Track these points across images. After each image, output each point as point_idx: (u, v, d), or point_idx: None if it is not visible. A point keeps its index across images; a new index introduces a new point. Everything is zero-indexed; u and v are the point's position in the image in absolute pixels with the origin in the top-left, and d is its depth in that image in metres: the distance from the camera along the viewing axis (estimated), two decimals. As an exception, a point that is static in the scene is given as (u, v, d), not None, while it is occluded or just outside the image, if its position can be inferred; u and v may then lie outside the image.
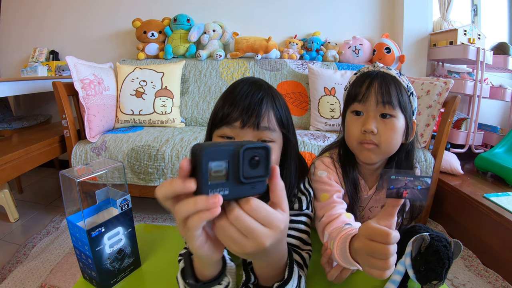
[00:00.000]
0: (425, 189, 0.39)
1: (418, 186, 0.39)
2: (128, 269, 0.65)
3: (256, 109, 0.53)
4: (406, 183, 0.39)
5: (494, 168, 1.72)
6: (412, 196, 0.39)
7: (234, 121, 0.53)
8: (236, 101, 0.54)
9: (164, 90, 1.87)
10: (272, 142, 0.56)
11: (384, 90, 0.64)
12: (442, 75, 2.12)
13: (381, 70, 0.69)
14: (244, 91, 0.56)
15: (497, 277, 1.29)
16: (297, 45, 2.20)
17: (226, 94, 0.58)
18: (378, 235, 0.38)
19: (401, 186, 0.39)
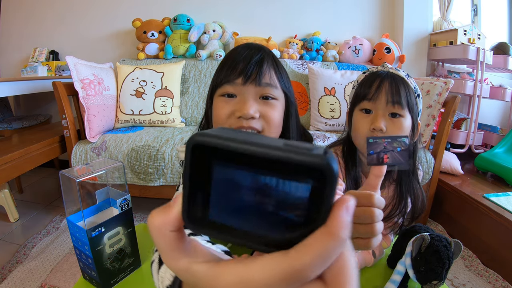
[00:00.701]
0: (405, 150, 0.37)
1: (397, 148, 0.37)
2: (128, 269, 0.65)
3: (257, 65, 0.54)
4: (385, 146, 0.38)
5: (494, 168, 1.72)
6: (393, 160, 0.38)
7: (235, 77, 0.53)
8: (236, 61, 0.54)
9: (164, 90, 1.87)
10: (275, 100, 0.56)
11: (394, 90, 0.66)
12: (442, 75, 2.12)
13: (390, 71, 0.70)
14: (244, 51, 0.56)
15: (497, 277, 1.29)
16: (297, 45, 2.20)
17: (225, 58, 0.58)
18: (360, 198, 0.36)
19: (380, 150, 0.38)
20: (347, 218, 0.15)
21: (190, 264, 0.18)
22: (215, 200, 0.17)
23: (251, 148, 0.16)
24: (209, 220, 0.17)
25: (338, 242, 0.15)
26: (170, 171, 1.55)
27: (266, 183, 0.16)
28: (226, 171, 0.16)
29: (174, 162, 1.54)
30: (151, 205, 1.87)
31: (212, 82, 0.58)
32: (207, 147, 0.16)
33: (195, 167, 0.17)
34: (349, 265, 0.16)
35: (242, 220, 0.17)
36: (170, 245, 0.18)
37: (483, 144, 2.10)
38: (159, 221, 0.18)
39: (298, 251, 0.15)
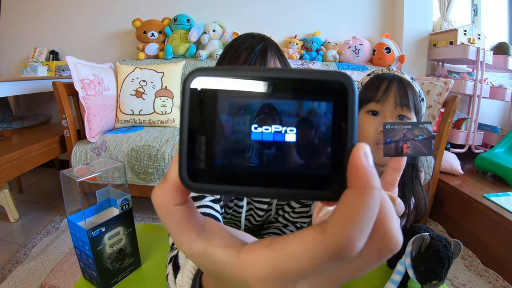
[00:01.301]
0: (428, 138, 0.31)
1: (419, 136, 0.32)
2: (128, 269, 0.65)
3: (261, 54, 0.51)
4: (405, 133, 0.32)
5: (494, 168, 1.72)
6: (415, 151, 0.32)
7: None
8: (239, 50, 0.51)
9: (164, 90, 1.87)
10: None
11: (403, 93, 0.66)
12: (442, 75, 2.12)
13: (396, 74, 0.70)
14: (247, 41, 0.53)
15: (497, 277, 1.29)
16: (297, 45, 2.20)
17: (227, 48, 0.55)
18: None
19: (399, 138, 0.32)
20: (369, 165, 0.13)
21: (206, 248, 0.15)
22: (222, 143, 0.14)
23: (264, 73, 0.14)
24: (217, 170, 0.14)
25: (372, 196, 0.13)
26: (170, 171, 1.55)
27: (282, 109, 0.14)
28: (234, 103, 0.14)
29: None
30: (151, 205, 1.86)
31: None
32: (209, 81, 0.14)
33: (194, 107, 0.14)
34: (390, 209, 0.14)
35: (259, 161, 0.14)
36: (179, 223, 0.15)
37: (483, 144, 2.10)
38: (160, 195, 0.15)
39: (335, 223, 0.13)
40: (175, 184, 0.15)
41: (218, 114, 0.14)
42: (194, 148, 0.14)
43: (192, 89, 0.14)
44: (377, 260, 0.14)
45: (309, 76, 0.13)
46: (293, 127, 0.14)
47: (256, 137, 0.14)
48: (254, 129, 0.14)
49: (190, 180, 0.14)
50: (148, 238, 0.77)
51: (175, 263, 0.42)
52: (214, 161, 0.14)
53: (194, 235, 0.15)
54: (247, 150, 0.14)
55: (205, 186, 0.14)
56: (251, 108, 0.14)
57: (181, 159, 0.14)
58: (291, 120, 0.14)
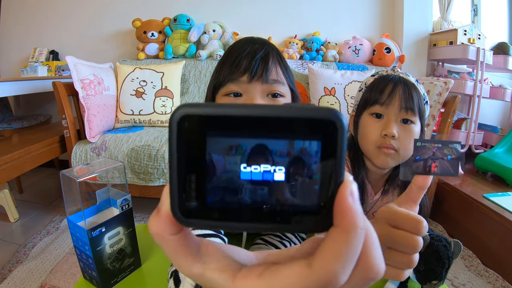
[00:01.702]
0: (456, 159, 0.31)
1: (448, 156, 0.32)
2: (128, 269, 0.65)
3: (263, 61, 0.50)
4: (434, 152, 0.32)
5: (494, 168, 1.72)
6: (442, 170, 0.32)
7: (240, 75, 0.49)
8: (239, 57, 0.50)
9: (164, 90, 1.87)
10: (282, 97, 0.53)
11: (408, 96, 0.65)
12: (442, 75, 2.12)
13: (401, 76, 0.69)
14: (247, 46, 0.52)
15: (497, 277, 1.29)
16: (297, 45, 2.20)
17: (226, 54, 0.54)
18: (406, 221, 0.29)
19: (428, 156, 0.32)
20: (354, 204, 0.14)
21: (204, 271, 0.16)
22: (212, 181, 0.14)
23: (252, 110, 0.14)
24: (208, 207, 0.14)
25: (356, 235, 0.13)
26: (170, 171, 1.55)
27: (271, 148, 0.14)
28: (223, 141, 0.14)
29: (174, 162, 1.53)
30: (151, 205, 1.87)
31: (213, 80, 0.54)
32: (197, 118, 0.14)
33: (182, 145, 0.14)
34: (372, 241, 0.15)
35: (248, 199, 0.14)
36: (175, 251, 0.16)
37: (483, 144, 2.10)
38: (155, 227, 0.16)
39: (321, 260, 0.14)
40: (168, 216, 0.15)
41: (207, 153, 0.14)
42: (185, 185, 0.14)
43: (179, 126, 0.14)
44: (360, 287, 0.15)
45: (298, 114, 0.14)
46: (281, 166, 0.14)
47: (245, 177, 0.14)
48: (243, 168, 0.14)
49: (183, 216, 0.15)
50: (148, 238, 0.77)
51: (176, 277, 0.42)
52: (205, 198, 0.14)
53: (190, 260, 0.16)
54: (237, 188, 0.14)
55: (197, 222, 0.15)
56: (240, 147, 0.14)
57: (173, 196, 0.14)
58: (279, 159, 0.14)
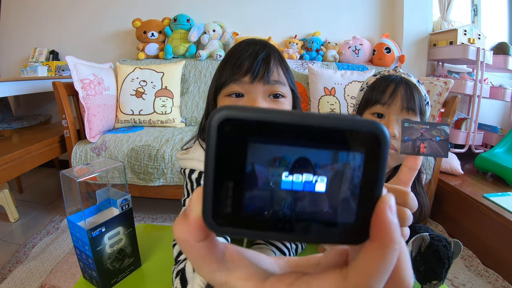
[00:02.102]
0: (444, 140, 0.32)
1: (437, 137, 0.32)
2: (128, 269, 0.65)
3: (264, 62, 0.51)
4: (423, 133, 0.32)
5: (494, 168, 1.72)
6: (431, 151, 0.32)
7: (242, 76, 0.50)
8: (241, 58, 0.52)
9: (164, 90, 1.87)
10: (283, 98, 0.54)
11: (410, 96, 0.65)
12: (442, 75, 2.12)
13: (403, 76, 0.69)
14: (249, 48, 0.53)
15: (497, 277, 1.29)
16: (297, 45, 2.20)
17: (228, 55, 0.55)
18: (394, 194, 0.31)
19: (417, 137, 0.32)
20: (393, 219, 0.13)
21: (228, 278, 0.16)
22: (251, 189, 0.14)
23: (298, 118, 0.13)
24: (243, 216, 0.14)
25: (393, 249, 0.13)
26: (170, 171, 1.55)
27: (313, 159, 0.14)
28: (265, 148, 0.13)
29: (174, 162, 1.54)
30: (151, 205, 1.87)
31: (215, 81, 0.55)
32: (239, 122, 0.13)
33: (221, 149, 0.13)
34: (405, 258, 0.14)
35: (286, 209, 0.14)
36: (201, 258, 0.16)
37: (483, 144, 2.10)
38: (182, 233, 0.15)
39: (357, 275, 0.13)
40: (197, 222, 0.15)
41: (248, 159, 0.14)
42: (221, 191, 0.14)
43: (219, 129, 0.13)
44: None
45: (345, 125, 0.13)
46: (323, 177, 0.14)
47: (286, 186, 0.14)
48: (285, 177, 0.14)
49: (215, 223, 0.14)
50: (148, 238, 0.77)
51: (182, 277, 0.42)
52: (241, 206, 0.14)
53: (215, 267, 0.16)
54: (276, 198, 0.14)
55: (230, 229, 0.14)
56: (283, 156, 0.14)
57: (206, 201, 0.14)
58: (322, 171, 0.14)
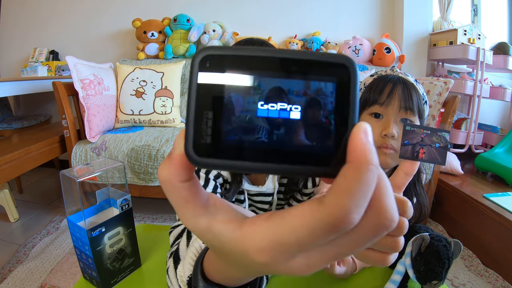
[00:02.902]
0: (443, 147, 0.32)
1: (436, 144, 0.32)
2: (128, 269, 0.65)
3: None
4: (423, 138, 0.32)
5: (494, 168, 1.72)
6: (430, 157, 0.32)
7: None
8: None
9: (164, 90, 1.87)
10: None
11: (408, 96, 0.65)
12: (442, 75, 2.12)
13: (400, 76, 0.69)
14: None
15: (497, 277, 1.29)
16: (297, 45, 2.20)
17: None
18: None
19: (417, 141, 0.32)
20: (367, 142, 0.13)
21: (210, 223, 0.16)
22: (229, 118, 0.14)
23: (271, 52, 0.14)
24: (222, 145, 0.14)
25: (368, 171, 0.13)
26: (170, 171, 1.55)
27: (288, 88, 0.14)
28: (241, 80, 0.14)
29: (174, 162, 1.53)
30: (151, 205, 1.87)
31: None
32: (218, 58, 0.14)
33: (201, 84, 0.14)
34: (386, 187, 0.14)
35: (264, 137, 0.14)
36: (184, 200, 0.16)
37: (483, 144, 2.10)
38: (165, 172, 0.15)
39: (333, 196, 0.13)
40: (180, 160, 0.15)
41: (226, 90, 0.14)
42: (201, 123, 0.14)
43: (200, 65, 0.14)
44: (372, 236, 0.14)
45: (316, 57, 0.14)
46: (298, 105, 0.14)
47: (262, 114, 0.14)
48: (260, 106, 0.14)
49: (196, 155, 0.14)
50: (148, 238, 0.77)
51: (175, 256, 0.42)
52: (220, 136, 0.14)
53: (198, 211, 0.16)
54: (253, 126, 0.14)
55: (211, 161, 0.15)
56: (258, 86, 0.14)
57: (188, 134, 0.14)
58: (296, 99, 0.14)
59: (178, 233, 0.50)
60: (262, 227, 0.14)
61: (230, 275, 0.22)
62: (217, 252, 0.18)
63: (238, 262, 0.17)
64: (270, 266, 0.15)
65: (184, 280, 0.33)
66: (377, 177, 0.13)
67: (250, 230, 0.15)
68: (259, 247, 0.14)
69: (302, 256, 0.14)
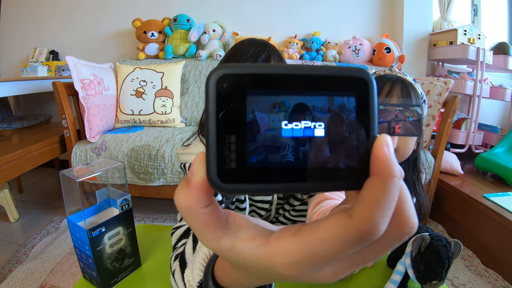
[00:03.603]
0: (417, 120, 0.34)
1: (410, 118, 0.34)
2: (128, 269, 0.65)
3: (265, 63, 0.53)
4: (397, 114, 0.34)
5: (494, 168, 1.72)
6: (406, 131, 0.34)
7: None
8: (242, 59, 0.53)
9: (164, 90, 1.87)
10: None
11: (406, 95, 0.65)
12: (442, 75, 2.12)
13: (399, 75, 0.69)
14: (249, 50, 0.55)
15: (497, 277, 1.29)
16: (297, 45, 2.20)
17: (228, 55, 0.57)
18: None
19: (391, 118, 0.34)
20: (390, 154, 0.14)
21: (234, 242, 0.16)
22: (253, 141, 0.14)
23: (291, 69, 0.14)
24: (248, 169, 0.14)
25: (394, 182, 0.13)
26: (170, 171, 1.55)
27: (310, 105, 0.14)
28: (264, 99, 0.14)
29: (174, 162, 1.54)
30: (151, 205, 1.87)
31: None
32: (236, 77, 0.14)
33: (220, 106, 0.13)
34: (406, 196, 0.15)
35: (289, 157, 0.14)
36: (205, 225, 0.15)
37: (483, 144, 2.10)
38: (185, 199, 0.15)
39: (361, 209, 0.13)
40: (200, 187, 0.15)
41: (247, 112, 0.14)
42: (224, 148, 0.14)
43: (218, 87, 0.14)
44: (396, 242, 0.15)
45: (334, 72, 0.14)
46: (321, 122, 0.14)
47: (286, 134, 0.14)
48: (284, 125, 0.14)
49: (221, 181, 0.14)
50: (148, 238, 0.77)
51: (181, 259, 0.42)
52: (245, 160, 0.14)
53: (220, 233, 0.16)
54: (278, 146, 0.14)
55: (237, 186, 0.14)
56: (280, 105, 0.14)
57: (210, 160, 0.14)
58: (319, 115, 0.14)
59: (181, 234, 0.50)
60: (291, 242, 0.15)
61: (246, 284, 0.21)
62: (240, 267, 0.18)
63: (261, 275, 0.17)
64: (298, 278, 0.15)
65: (193, 284, 0.33)
66: (399, 187, 0.14)
67: (278, 245, 0.15)
68: (288, 262, 0.14)
69: (329, 266, 0.15)
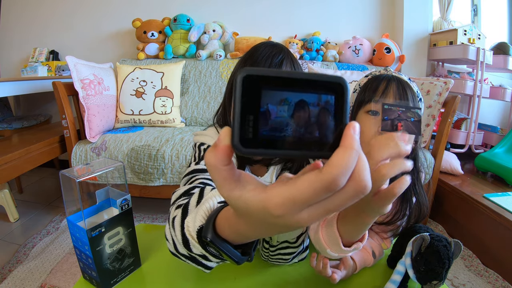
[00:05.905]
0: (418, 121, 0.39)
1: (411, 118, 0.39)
2: (128, 269, 0.65)
3: (278, 65, 0.56)
4: (400, 114, 0.39)
5: (494, 168, 1.72)
6: (407, 128, 0.39)
7: None
8: (257, 61, 0.57)
9: (164, 90, 1.87)
10: None
11: (402, 92, 0.65)
12: (442, 75, 2.12)
13: (394, 74, 0.70)
14: (265, 53, 0.58)
15: (497, 277, 1.29)
16: (297, 45, 2.20)
17: (247, 57, 0.60)
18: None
19: (394, 117, 0.39)
20: (354, 134, 0.20)
21: (241, 192, 0.22)
22: (264, 119, 0.20)
23: (293, 75, 0.21)
24: (261, 137, 0.20)
25: (353, 151, 0.19)
26: (170, 171, 1.55)
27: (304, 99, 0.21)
28: (273, 93, 0.20)
29: (174, 162, 1.54)
30: (151, 205, 1.87)
31: (232, 77, 0.63)
32: (256, 77, 0.20)
33: (244, 96, 0.20)
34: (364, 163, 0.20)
35: (289, 132, 0.21)
36: (224, 178, 0.22)
37: (483, 144, 2.10)
38: (212, 158, 0.21)
39: (328, 167, 0.19)
40: (224, 150, 0.21)
41: (262, 100, 0.20)
42: (244, 123, 0.20)
43: (243, 82, 0.20)
44: (352, 197, 0.20)
45: (322, 78, 0.21)
46: (312, 112, 0.21)
47: (287, 119, 0.21)
48: (286, 113, 0.21)
49: (242, 146, 0.20)
50: (148, 238, 0.77)
51: (185, 209, 0.44)
52: (258, 132, 0.20)
53: (234, 185, 0.22)
54: (281, 126, 0.21)
55: (251, 150, 0.20)
56: (284, 98, 0.20)
57: (235, 131, 0.20)
58: (311, 107, 0.21)
59: (181, 193, 0.52)
60: (280, 188, 0.20)
61: (244, 232, 0.28)
62: (243, 212, 0.24)
63: (258, 218, 0.22)
64: (283, 217, 0.20)
65: (190, 230, 0.38)
66: (358, 157, 0.19)
67: (271, 192, 0.20)
68: (278, 203, 0.20)
69: (305, 210, 0.20)
